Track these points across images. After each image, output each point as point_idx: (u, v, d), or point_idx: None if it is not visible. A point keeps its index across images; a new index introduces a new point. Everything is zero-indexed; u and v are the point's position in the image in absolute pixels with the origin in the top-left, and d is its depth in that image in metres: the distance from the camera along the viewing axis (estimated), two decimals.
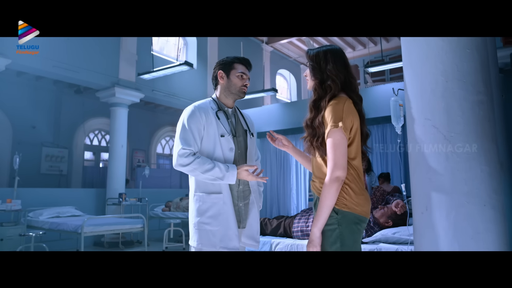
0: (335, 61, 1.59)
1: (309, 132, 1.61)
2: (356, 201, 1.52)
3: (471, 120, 1.64)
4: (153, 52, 7.83)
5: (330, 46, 1.66)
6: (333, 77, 1.57)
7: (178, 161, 1.84)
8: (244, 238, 1.95)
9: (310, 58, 1.65)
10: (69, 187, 8.85)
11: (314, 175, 1.64)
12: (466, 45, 1.68)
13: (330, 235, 1.50)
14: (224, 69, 2.01)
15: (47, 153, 8.65)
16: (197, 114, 1.91)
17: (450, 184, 1.63)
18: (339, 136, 1.50)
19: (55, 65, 6.45)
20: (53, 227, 5.46)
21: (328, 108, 1.54)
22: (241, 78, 2.00)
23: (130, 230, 5.44)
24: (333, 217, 1.50)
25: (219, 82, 2.03)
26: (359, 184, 1.55)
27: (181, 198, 7.67)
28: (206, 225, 1.87)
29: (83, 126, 9.38)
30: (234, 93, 2.01)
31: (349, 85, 1.60)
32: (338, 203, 1.51)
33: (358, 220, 1.52)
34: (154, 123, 10.81)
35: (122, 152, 7.49)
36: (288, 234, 3.42)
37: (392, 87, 2.57)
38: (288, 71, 12.19)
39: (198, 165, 1.81)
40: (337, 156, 1.49)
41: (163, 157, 11.45)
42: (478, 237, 1.57)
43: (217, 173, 1.82)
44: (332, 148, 1.50)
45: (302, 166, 7.44)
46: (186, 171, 1.86)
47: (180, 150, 1.83)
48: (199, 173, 1.83)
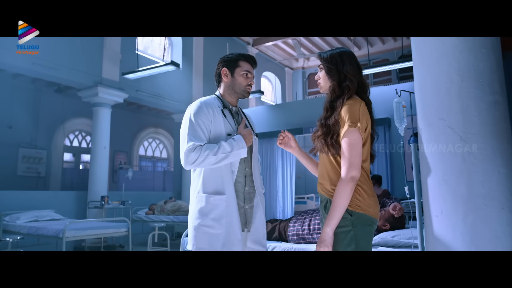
0: (351, 62, 1.59)
1: (323, 131, 1.58)
2: (368, 202, 1.50)
3: (488, 121, 1.60)
4: (137, 52, 7.63)
5: (342, 48, 1.66)
6: (351, 77, 1.57)
7: (187, 159, 1.72)
8: (250, 243, 1.85)
9: (326, 60, 1.63)
10: (47, 189, 8.52)
11: (323, 176, 1.60)
12: (481, 44, 1.65)
13: (344, 237, 1.47)
14: (228, 67, 1.91)
15: (24, 154, 8.31)
16: (204, 109, 1.81)
17: (466, 186, 1.58)
18: (355, 136, 1.49)
19: (34, 62, 6.18)
20: (32, 231, 5.19)
21: (345, 108, 1.52)
22: (246, 77, 1.90)
23: (114, 234, 5.25)
24: (347, 218, 1.48)
25: (222, 79, 1.93)
26: (370, 185, 1.54)
27: (165, 201, 7.48)
28: (208, 228, 1.75)
29: (62, 127, 9.07)
30: (238, 92, 1.92)
31: (363, 87, 1.60)
32: (352, 205, 1.48)
33: (371, 222, 1.51)
34: (137, 124, 10.56)
35: (105, 154, 7.25)
36: (283, 238, 3.34)
37: (395, 88, 2.54)
38: (273, 73, 12.16)
39: (208, 151, 1.71)
40: (353, 156, 1.48)
41: (146, 159, 11.20)
42: (497, 241, 1.53)
43: (226, 147, 1.73)
44: (348, 147, 1.48)
45: (288, 169, 7.41)
46: (199, 166, 1.75)
47: (188, 147, 1.72)
48: (212, 157, 1.71)
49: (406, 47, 9.25)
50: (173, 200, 7.51)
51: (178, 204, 7.08)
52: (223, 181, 1.78)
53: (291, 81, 12.85)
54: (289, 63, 12.60)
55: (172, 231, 8.19)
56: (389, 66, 7.11)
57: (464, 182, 1.59)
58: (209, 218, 1.75)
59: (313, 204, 8.09)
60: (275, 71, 12.19)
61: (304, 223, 3.27)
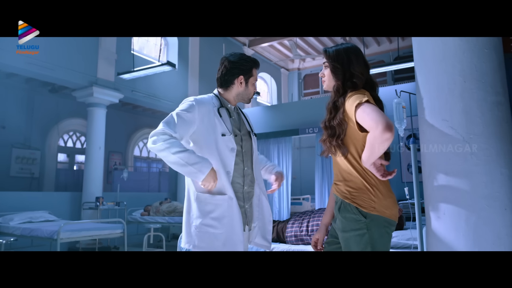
0: (357, 59, 1.55)
1: (328, 133, 1.53)
2: (384, 203, 1.45)
3: (490, 122, 1.59)
4: (133, 52, 7.58)
5: (347, 44, 1.61)
6: (359, 75, 1.52)
7: (156, 138, 1.64)
8: (258, 239, 1.86)
9: (332, 58, 1.58)
10: (41, 190, 8.42)
11: (338, 177, 1.56)
12: (484, 45, 1.64)
13: (359, 240, 1.42)
14: (245, 75, 1.87)
15: (17, 154, 8.21)
16: (195, 108, 1.76)
17: (469, 187, 1.57)
18: (371, 106, 1.39)
19: (29, 62, 6.11)
20: (26, 233, 5.12)
21: (349, 99, 1.46)
22: (254, 85, 1.91)
23: (109, 236, 5.19)
24: (361, 221, 1.43)
25: (234, 85, 1.87)
26: (387, 185, 1.49)
27: (160, 202, 7.44)
28: (209, 228, 1.72)
29: (57, 127, 8.96)
30: (245, 100, 1.92)
31: (372, 85, 1.56)
32: (366, 206, 1.43)
33: (388, 224, 1.46)
34: (132, 124, 10.47)
35: (100, 154, 7.20)
36: (281, 239, 3.32)
37: (395, 89, 2.53)
38: (269, 74, 12.15)
39: (173, 147, 1.61)
40: (380, 114, 1.35)
41: (141, 160, 11.13)
42: (500, 243, 1.52)
43: (191, 158, 1.61)
44: (367, 113, 1.37)
45: (284, 170, 7.36)
46: (158, 149, 1.63)
47: (160, 130, 1.65)
48: (171, 154, 1.61)
49: (402, 49, 9.30)
50: (168, 201, 7.46)
51: (174, 205, 7.04)
52: (223, 181, 1.76)
53: (286, 82, 12.86)
54: (284, 64, 12.60)
55: (167, 232, 8.14)
56: (385, 68, 7.14)
57: (467, 183, 1.58)
58: (210, 217, 1.73)
59: (309, 205, 8.08)
60: (270, 72, 12.18)
61: (302, 224, 3.26)
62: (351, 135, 1.49)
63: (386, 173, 1.43)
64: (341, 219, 1.49)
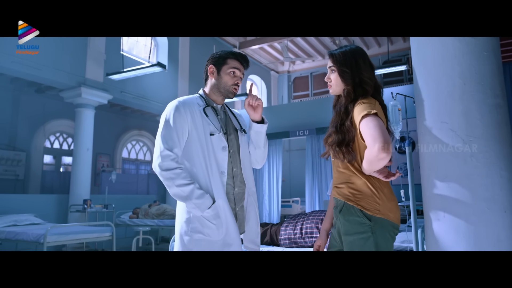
0: (365, 62, 1.52)
1: (338, 138, 1.48)
2: (388, 206, 1.43)
3: (490, 124, 1.60)
4: (122, 52, 7.48)
5: (352, 46, 1.58)
6: (367, 80, 1.50)
7: (162, 163, 1.63)
8: (246, 243, 1.80)
9: (339, 63, 1.54)
10: (26, 192, 8.23)
11: (339, 180, 1.53)
12: (483, 47, 1.65)
13: (363, 244, 1.39)
14: (216, 64, 1.80)
15: (1, 156, 8.01)
16: (181, 110, 1.70)
17: (469, 189, 1.57)
18: (376, 120, 1.37)
19: (14, 61, 5.97)
20: (10, 236, 4.97)
21: (358, 106, 1.44)
22: (233, 75, 1.79)
23: (97, 239, 5.08)
24: (365, 224, 1.40)
25: (209, 78, 1.83)
26: (390, 188, 1.47)
27: (149, 204, 7.33)
28: (202, 235, 1.67)
29: (43, 128, 8.78)
30: (223, 92, 1.80)
31: (377, 89, 1.54)
32: (370, 209, 1.40)
33: (392, 227, 1.43)
34: (120, 126, 10.33)
35: (87, 156, 7.07)
36: (274, 241, 3.30)
37: (391, 91, 2.54)
38: (259, 77, 12.14)
39: (175, 175, 1.62)
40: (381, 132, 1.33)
41: (129, 162, 10.98)
42: (500, 245, 1.52)
43: (194, 193, 1.62)
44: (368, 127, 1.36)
45: (274, 173, 7.37)
46: (163, 176, 1.64)
47: (164, 151, 1.64)
48: (174, 187, 1.62)
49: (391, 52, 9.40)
50: (157, 204, 7.37)
51: (163, 208, 6.95)
52: (215, 186, 1.70)
53: (276, 85, 12.86)
54: (274, 66, 12.61)
55: (156, 235, 8.04)
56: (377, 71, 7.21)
57: (467, 185, 1.58)
58: (204, 224, 1.67)
59: (299, 207, 8.06)
60: (260, 74, 12.17)
61: (296, 227, 3.23)
62: (357, 141, 1.47)
63: (389, 174, 1.41)
64: (344, 221, 1.46)
